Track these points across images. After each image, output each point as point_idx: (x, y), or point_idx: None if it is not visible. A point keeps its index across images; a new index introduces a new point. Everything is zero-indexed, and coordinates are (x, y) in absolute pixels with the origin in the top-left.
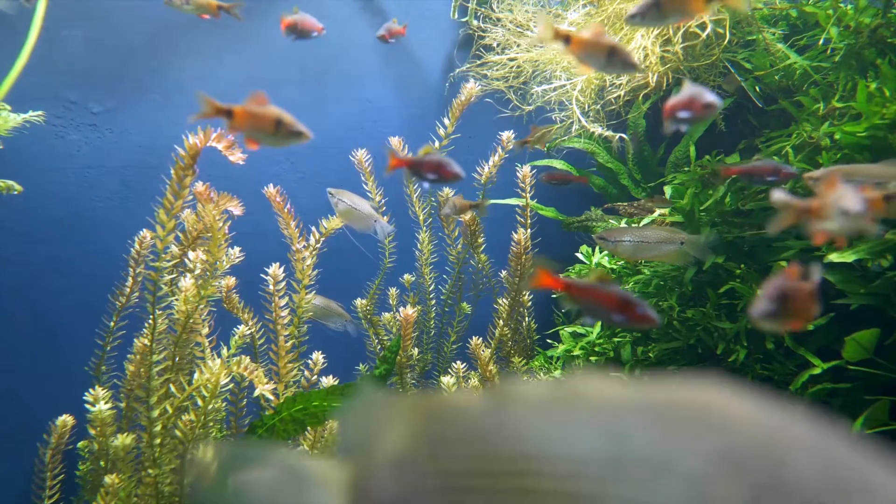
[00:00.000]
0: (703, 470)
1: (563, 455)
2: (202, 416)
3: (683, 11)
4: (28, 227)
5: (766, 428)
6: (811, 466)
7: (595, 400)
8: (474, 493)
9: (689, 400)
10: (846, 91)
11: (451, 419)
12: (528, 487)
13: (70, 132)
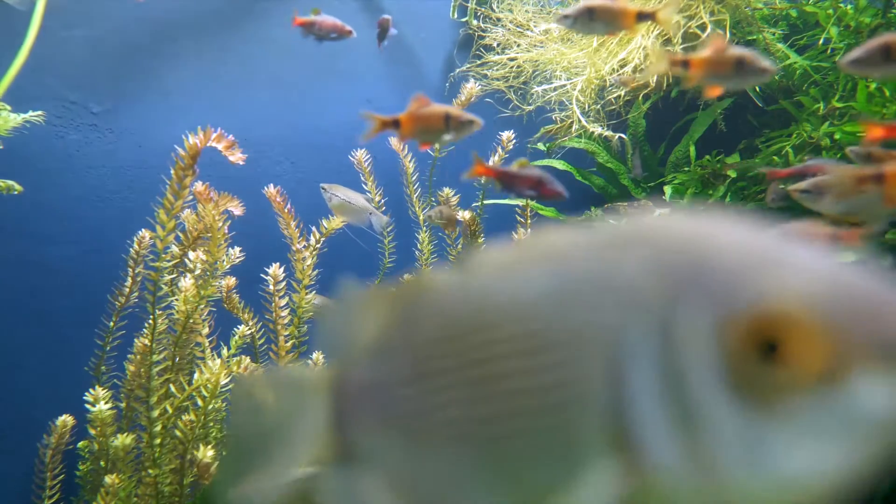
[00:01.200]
0: (634, 280)
1: (516, 315)
2: (202, 416)
3: (614, 25)
4: (28, 227)
5: (693, 233)
6: (731, 258)
7: (548, 250)
8: (444, 372)
9: (633, 226)
10: (846, 91)
11: (422, 300)
12: (489, 356)
13: (70, 132)
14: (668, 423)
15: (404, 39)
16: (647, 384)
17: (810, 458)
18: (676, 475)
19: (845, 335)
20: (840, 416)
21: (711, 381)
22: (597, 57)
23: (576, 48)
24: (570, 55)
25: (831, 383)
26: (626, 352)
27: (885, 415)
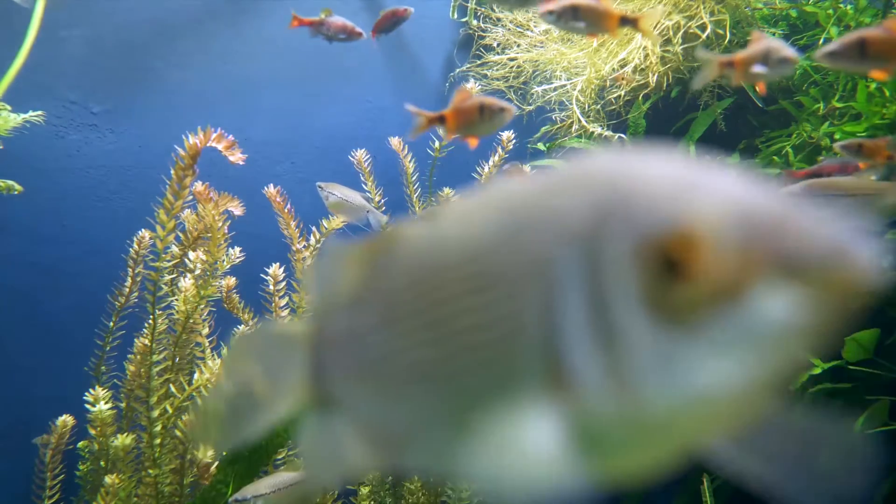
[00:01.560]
0: (567, 215)
1: (467, 257)
2: None
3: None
4: (28, 227)
5: (624, 167)
6: (653, 186)
7: (500, 195)
8: (408, 317)
9: (573, 167)
10: (846, 91)
11: (392, 251)
12: (444, 298)
13: (70, 132)
14: (593, 347)
15: (404, 39)
16: (576, 311)
17: (719, 371)
18: (602, 398)
19: (747, 251)
20: (744, 329)
21: (630, 303)
22: (597, 57)
23: (576, 48)
24: (570, 55)
25: (735, 298)
26: (557, 282)
27: (784, 325)
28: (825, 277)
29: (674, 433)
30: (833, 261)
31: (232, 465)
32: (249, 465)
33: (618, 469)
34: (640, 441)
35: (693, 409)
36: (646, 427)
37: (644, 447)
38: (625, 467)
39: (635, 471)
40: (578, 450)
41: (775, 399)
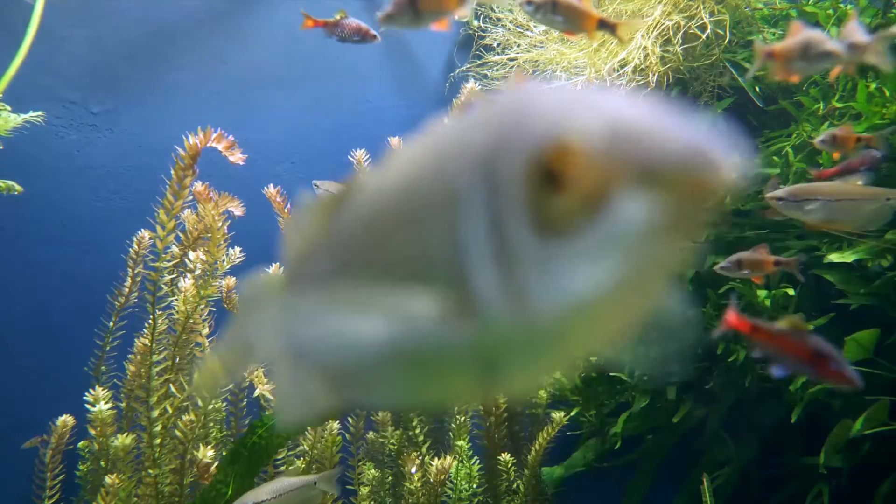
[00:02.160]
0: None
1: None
2: (202, 417)
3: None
4: (28, 227)
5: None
6: (543, 109)
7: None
8: (359, 257)
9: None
10: (846, 91)
11: (349, 200)
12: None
13: (70, 132)
14: (490, 264)
15: (404, 39)
16: (477, 232)
17: (594, 277)
18: (500, 312)
19: (611, 159)
20: (613, 234)
21: (519, 219)
22: (597, 57)
23: (576, 48)
24: (570, 55)
25: (603, 205)
26: (463, 208)
27: (648, 228)
28: (682, 180)
29: (565, 341)
30: (688, 164)
31: (232, 465)
32: (249, 465)
33: (520, 381)
34: (537, 352)
35: (576, 315)
36: (539, 337)
37: (541, 358)
38: (526, 379)
39: (535, 382)
40: (486, 366)
41: (650, 302)
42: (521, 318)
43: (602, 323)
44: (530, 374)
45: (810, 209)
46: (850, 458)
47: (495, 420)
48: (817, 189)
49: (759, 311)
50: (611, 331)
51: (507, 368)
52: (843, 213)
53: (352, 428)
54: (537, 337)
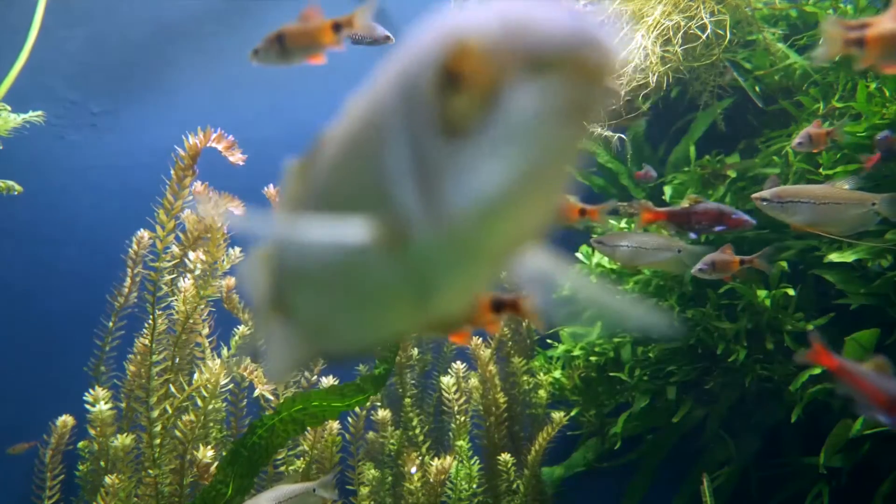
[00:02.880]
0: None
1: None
2: (202, 417)
3: (312, 46)
4: (28, 227)
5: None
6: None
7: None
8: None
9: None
10: (846, 91)
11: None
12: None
13: (70, 132)
14: (409, 177)
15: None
16: (399, 152)
17: (499, 171)
18: (420, 224)
19: (502, 52)
20: (510, 125)
21: (430, 126)
22: None
23: None
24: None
25: (499, 96)
26: (386, 131)
27: (542, 115)
28: (567, 61)
29: (484, 245)
30: (571, 45)
31: (232, 465)
32: (249, 465)
33: (453, 299)
34: (462, 262)
35: (490, 214)
36: (460, 244)
37: (466, 268)
38: (459, 295)
39: (467, 298)
40: (420, 287)
41: (556, 197)
42: (440, 227)
43: (516, 220)
44: (461, 289)
45: (794, 211)
46: (850, 458)
47: (495, 420)
48: (803, 191)
49: (759, 311)
50: (526, 229)
51: (438, 285)
52: (827, 217)
53: (352, 428)
54: (458, 244)
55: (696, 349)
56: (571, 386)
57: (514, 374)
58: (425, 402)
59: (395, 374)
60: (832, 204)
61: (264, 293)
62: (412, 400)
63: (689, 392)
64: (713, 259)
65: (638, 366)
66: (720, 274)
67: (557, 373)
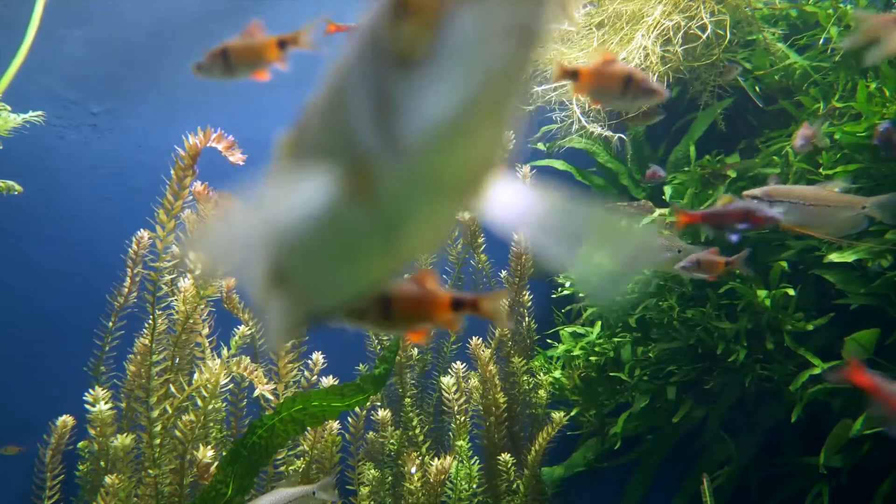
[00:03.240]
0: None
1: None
2: (202, 417)
3: (256, 62)
4: (28, 227)
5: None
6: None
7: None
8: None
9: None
10: (846, 91)
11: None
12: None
13: (70, 132)
14: (370, 114)
15: None
16: (360, 89)
17: (452, 95)
18: (384, 159)
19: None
20: (454, 49)
21: (384, 59)
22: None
23: (576, 48)
24: (570, 55)
25: (443, 21)
26: (350, 77)
27: (479, 37)
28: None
29: (441, 177)
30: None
31: (232, 465)
32: (249, 465)
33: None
34: (421, 198)
35: (441, 140)
36: (418, 177)
37: (426, 205)
38: (424, 233)
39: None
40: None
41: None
42: (400, 159)
43: (469, 146)
44: (427, 227)
45: (783, 211)
46: (850, 458)
47: (495, 420)
48: (793, 192)
49: (759, 312)
50: (480, 157)
51: (406, 224)
52: (816, 218)
53: (352, 428)
54: (418, 176)
55: (696, 349)
56: (571, 386)
57: (514, 374)
58: (425, 402)
59: (395, 374)
60: (822, 206)
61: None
62: (412, 400)
63: (689, 392)
64: (699, 258)
65: (638, 366)
66: (704, 273)
67: (557, 373)
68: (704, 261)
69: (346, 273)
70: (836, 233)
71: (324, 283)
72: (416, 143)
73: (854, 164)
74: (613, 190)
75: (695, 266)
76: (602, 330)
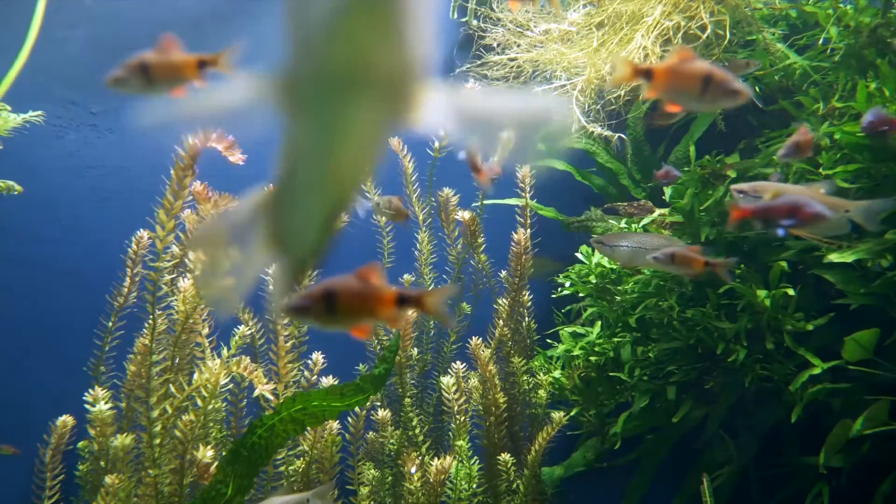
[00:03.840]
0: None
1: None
2: (202, 417)
3: (176, 80)
4: (28, 227)
5: None
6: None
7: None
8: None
9: None
10: (846, 91)
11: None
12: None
13: (70, 132)
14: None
15: None
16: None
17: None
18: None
19: None
20: None
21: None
22: (597, 57)
23: (576, 48)
24: (570, 55)
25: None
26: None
27: None
28: None
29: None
30: None
31: (232, 465)
32: (249, 465)
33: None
34: (335, 93)
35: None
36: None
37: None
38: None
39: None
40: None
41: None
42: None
43: (359, 36)
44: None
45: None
46: (850, 458)
47: (495, 420)
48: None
49: (759, 312)
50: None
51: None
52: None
53: (352, 428)
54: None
55: (696, 349)
56: (571, 386)
57: (514, 374)
58: (425, 402)
59: (395, 374)
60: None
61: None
62: (412, 400)
63: (689, 392)
64: (673, 252)
65: (638, 366)
66: (677, 268)
67: (557, 373)
68: (679, 255)
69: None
70: (818, 233)
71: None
72: (314, 28)
73: (854, 164)
74: (613, 190)
75: (667, 259)
76: (602, 330)
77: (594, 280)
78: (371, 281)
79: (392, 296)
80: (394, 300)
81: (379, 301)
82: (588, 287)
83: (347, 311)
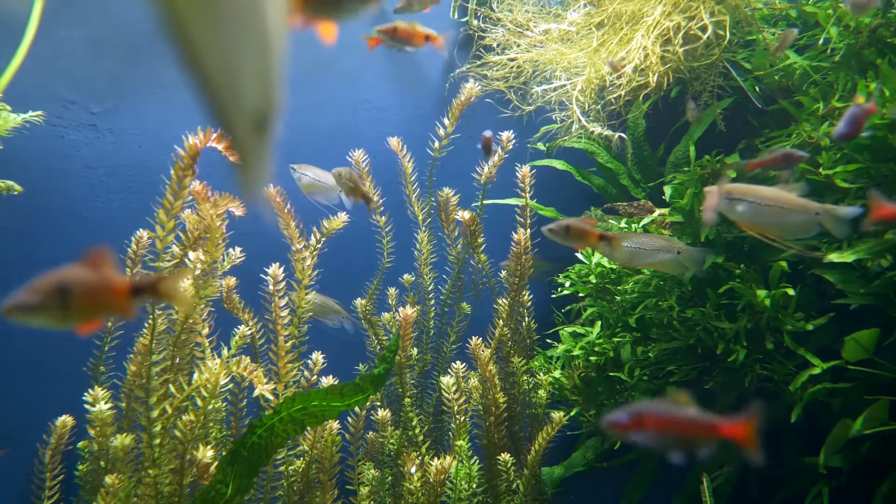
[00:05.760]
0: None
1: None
2: (202, 417)
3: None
4: (28, 227)
5: None
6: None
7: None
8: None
9: None
10: (846, 91)
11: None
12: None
13: (70, 132)
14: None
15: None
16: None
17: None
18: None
19: None
20: None
21: None
22: (597, 57)
23: (576, 48)
24: (570, 55)
25: None
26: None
27: None
28: None
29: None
30: None
31: (231, 465)
32: (249, 465)
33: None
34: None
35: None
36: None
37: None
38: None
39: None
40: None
41: None
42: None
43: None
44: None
45: (740, 209)
46: (850, 458)
47: (495, 420)
48: (751, 191)
49: (759, 311)
50: None
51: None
52: (769, 218)
53: (352, 428)
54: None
55: (695, 349)
56: (571, 386)
57: (513, 374)
58: (425, 402)
59: (395, 374)
60: (775, 207)
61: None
62: (412, 400)
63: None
64: (569, 223)
65: (638, 366)
66: (571, 241)
67: (557, 373)
68: (574, 228)
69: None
70: (787, 236)
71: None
72: None
73: (854, 164)
74: (613, 190)
75: (562, 231)
76: (602, 330)
77: (594, 280)
78: (101, 269)
79: (126, 285)
80: (128, 290)
81: (113, 291)
82: (588, 287)
83: (82, 305)
